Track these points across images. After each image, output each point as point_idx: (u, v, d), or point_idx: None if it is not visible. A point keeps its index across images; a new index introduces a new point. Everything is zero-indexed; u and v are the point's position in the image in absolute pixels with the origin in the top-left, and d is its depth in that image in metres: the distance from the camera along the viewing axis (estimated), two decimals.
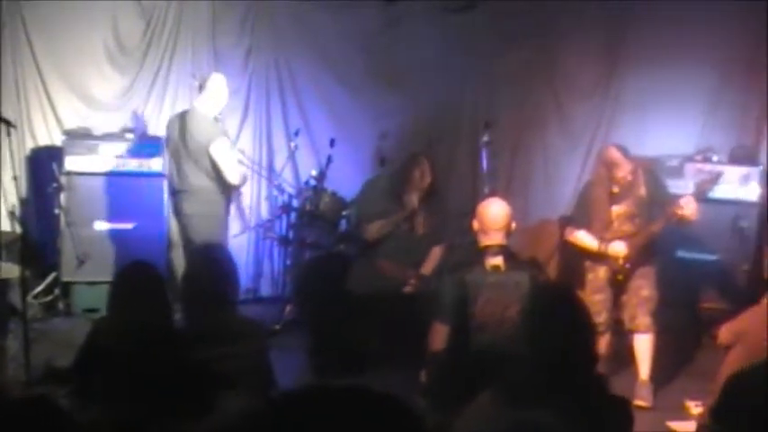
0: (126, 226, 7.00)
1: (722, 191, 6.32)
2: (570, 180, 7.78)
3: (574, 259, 6.22)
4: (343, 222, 7.09)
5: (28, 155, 7.33)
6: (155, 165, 7.03)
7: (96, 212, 7.00)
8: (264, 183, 7.84)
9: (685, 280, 6.91)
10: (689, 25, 7.46)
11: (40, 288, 7.02)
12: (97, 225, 7.01)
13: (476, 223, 4.90)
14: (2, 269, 5.93)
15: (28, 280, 6.09)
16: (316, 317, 2.95)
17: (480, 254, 4.81)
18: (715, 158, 7.25)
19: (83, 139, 7.04)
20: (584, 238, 5.77)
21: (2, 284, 5.99)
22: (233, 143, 6.93)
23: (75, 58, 7.37)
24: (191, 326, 3.84)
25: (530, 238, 7.92)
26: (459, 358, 4.56)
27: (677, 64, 7.48)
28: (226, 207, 6.59)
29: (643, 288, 5.74)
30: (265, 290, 7.92)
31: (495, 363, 3.75)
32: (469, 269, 4.73)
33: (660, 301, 5.78)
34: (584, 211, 5.82)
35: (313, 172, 7.13)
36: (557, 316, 3.17)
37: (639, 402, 5.56)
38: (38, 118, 7.35)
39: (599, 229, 5.72)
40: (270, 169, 7.84)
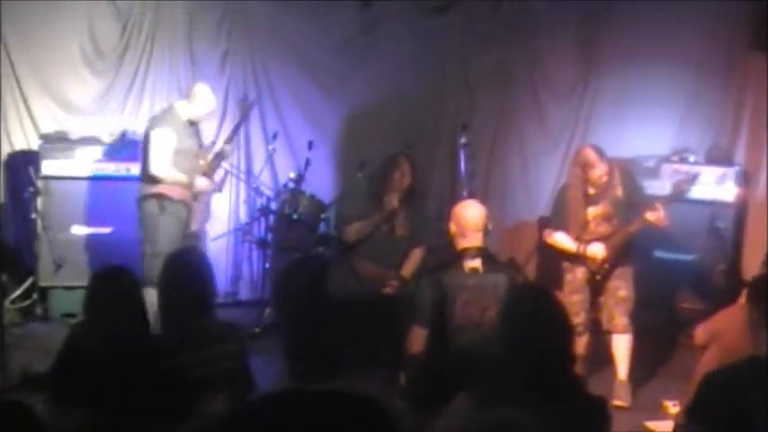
0: (104, 230, 6.98)
1: (699, 191, 6.35)
2: (549, 181, 7.78)
3: (552, 260, 6.25)
4: (322, 225, 7.08)
5: (4, 159, 7.28)
6: (133, 168, 6.99)
7: (74, 217, 6.97)
8: (243, 186, 7.82)
9: (662, 280, 6.93)
10: (665, 26, 7.48)
11: (17, 293, 6.98)
12: (75, 229, 6.98)
13: (453, 226, 4.91)
14: None
15: (5, 285, 6.06)
16: (294, 320, 2.95)
17: (458, 256, 4.82)
18: (691, 159, 7.29)
19: (60, 144, 7.02)
20: (562, 239, 5.79)
21: None
22: (208, 147, 6.80)
23: (52, 61, 7.33)
24: (167, 330, 3.82)
25: (508, 239, 7.95)
26: (437, 360, 4.57)
27: (653, 64, 7.51)
28: (160, 205, 6.22)
29: (620, 289, 5.76)
30: (244, 293, 7.91)
31: (474, 365, 3.76)
32: (447, 271, 4.73)
33: (637, 301, 5.80)
34: (560, 213, 5.83)
35: (291, 174, 7.12)
36: (533, 315, 3.19)
37: (618, 402, 5.59)
38: (14, 122, 7.30)
39: (575, 231, 5.73)
40: (248, 172, 7.83)
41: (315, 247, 6.89)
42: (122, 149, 7.09)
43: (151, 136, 6.23)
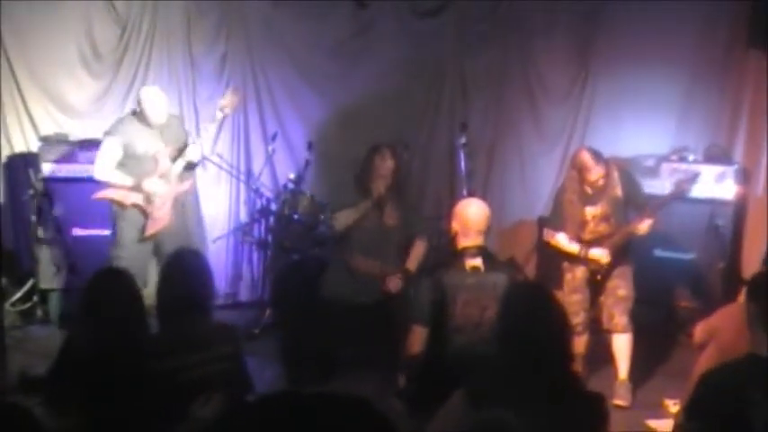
0: (104, 232, 6.97)
1: (698, 190, 6.33)
2: (547, 181, 7.79)
3: (552, 260, 6.25)
4: (322, 226, 7.07)
5: (4, 161, 7.27)
6: None
7: (73, 219, 6.96)
8: (243, 187, 7.82)
9: (662, 279, 6.94)
10: (662, 26, 7.49)
11: (17, 296, 6.98)
12: (75, 232, 6.97)
13: (455, 224, 4.90)
14: None
15: (5, 287, 6.05)
16: (290, 321, 2.95)
17: (458, 255, 4.81)
18: (690, 158, 7.29)
19: (59, 146, 7.02)
20: (564, 241, 5.79)
21: None
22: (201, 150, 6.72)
23: (51, 64, 7.32)
24: (164, 332, 3.82)
25: (508, 239, 7.94)
26: (437, 360, 4.57)
27: (650, 64, 7.51)
28: (117, 210, 6.29)
29: (620, 288, 5.77)
30: (244, 294, 7.89)
31: (474, 364, 3.77)
32: (448, 271, 4.73)
33: (637, 299, 5.81)
34: (558, 214, 5.84)
35: (291, 176, 7.12)
36: (529, 313, 3.20)
37: (618, 402, 5.60)
38: (14, 124, 7.30)
39: (573, 232, 5.74)
40: (248, 173, 7.83)
41: (314, 247, 6.89)
42: None
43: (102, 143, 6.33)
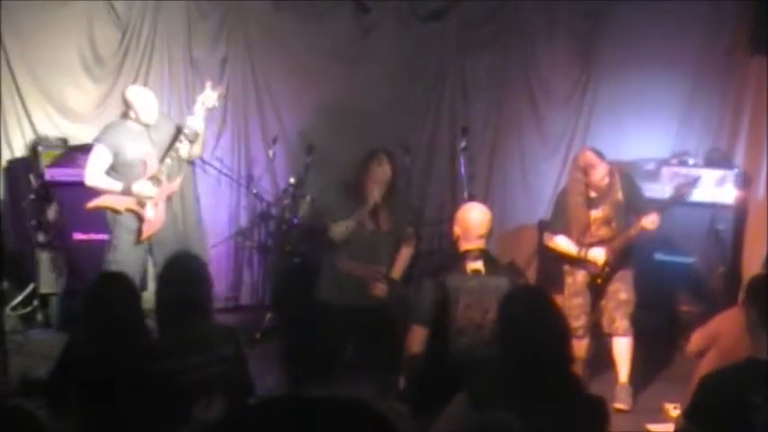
0: (104, 237, 6.95)
1: (698, 194, 6.31)
2: (549, 185, 7.79)
3: (552, 264, 6.24)
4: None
5: (4, 166, 7.29)
6: None
7: (74, 223, 6.96)
8: (243, 191, 7.83)
9: (662, 283, 6.93)
10: (663, 29, 7.49)
11: (18, 300, 6.98)
12: (75, 236, 6.97)
13: (456, 228, 4.91)
14: None
15: (6, 291, 6.05)
16: (288, 324, 2.94)
17: (459, 258, 4.82)
18: (691, 162, 7.30)
19: (60, 150, 7.02)
20: (563, 243, 5.79)
21: None
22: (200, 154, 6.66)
23: (51, 68, 7.33)
24: (164, 334, 3.82)
25: (509, 242, 7.94)
26: (439, 362, 4.57)
27: (652, 68, 7.51)
28: (112, 216, 6.11)
29: (621, 291, 5.76)
30: (245, 298, 7.90)
31: (475, 366, 3.77)
32: (449, 273, 4.73)
33: (637, 303, 5.81)
34: (562, 216, 5.82)
35: (291, 180, 7.13)
36: (528, 316, 3.20)
37: (619, 405, 5.59)
38: (14, 128, 7.31)
39: (576, 234, 5.73)
40: (248, 177, 7.83)
41: (314, 251, 6.87)
42: None
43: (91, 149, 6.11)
